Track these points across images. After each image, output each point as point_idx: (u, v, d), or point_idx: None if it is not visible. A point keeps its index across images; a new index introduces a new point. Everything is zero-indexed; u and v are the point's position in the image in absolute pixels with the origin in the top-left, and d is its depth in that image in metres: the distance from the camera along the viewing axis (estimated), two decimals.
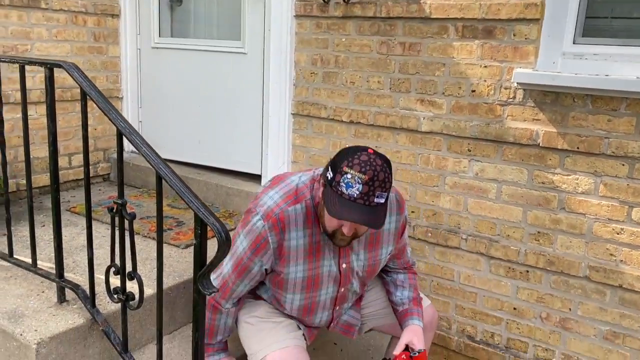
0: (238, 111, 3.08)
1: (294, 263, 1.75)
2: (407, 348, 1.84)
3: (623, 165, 2.03)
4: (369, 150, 1.59)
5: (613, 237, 2.09)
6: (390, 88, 2.48)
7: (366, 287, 2.05)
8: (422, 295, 2.08)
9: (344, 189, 1.54)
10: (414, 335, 1.85)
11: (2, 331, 1.80)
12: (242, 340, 1.91)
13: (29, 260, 2.07)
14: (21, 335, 1.75)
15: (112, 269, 1.76)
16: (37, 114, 3.07)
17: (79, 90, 3.38)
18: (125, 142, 3.76)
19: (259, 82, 2.93)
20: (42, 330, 1.78)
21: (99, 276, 1.87)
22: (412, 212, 2.52)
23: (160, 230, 1.62)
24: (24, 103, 1.94)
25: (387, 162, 1.58)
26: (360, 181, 1.53)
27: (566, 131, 2.10)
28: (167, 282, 2.17)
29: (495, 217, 2.32)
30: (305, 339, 1.92)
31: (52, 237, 1.90)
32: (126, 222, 1.68)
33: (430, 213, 2.48)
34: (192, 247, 2.54)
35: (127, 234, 1.70)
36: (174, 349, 2.09)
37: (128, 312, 1.79)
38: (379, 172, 1.55)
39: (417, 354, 1.80)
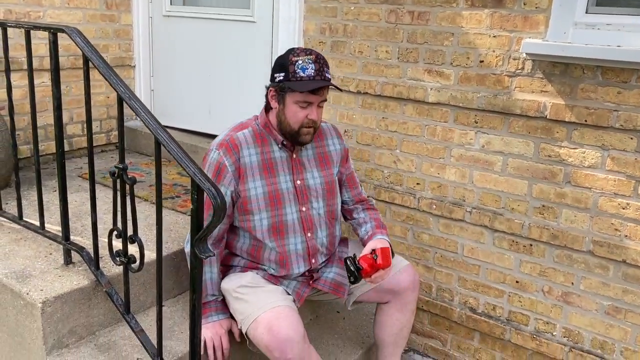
0: (247, 80, 3.08)
1: (252, 179, 1.92)
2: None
3: (632, 138, 1.98)
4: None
5: (618, 212, 2.06)
6: (398, 58, 2.45)
7: (334, 221, 2.11)
8: (400, 257, 2.18)
9: (301, 73, 1.81)
10: (379, 243, 1.97)
11: (10, 290, 1.87)
12: (233, 312, 1.95)
13: (38, 223, 2.12)
14: (27, 294, 1.81)
15: (115, 233, 1.80)
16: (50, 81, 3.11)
17: None
18: None
19: (267, 51, 2.92)
20: (47, 290, 1.83)
21: (105, 240, 1.91)
22: (418, 184, 2.51)
23: (159, 195, 1.64)
24: (30, 68, 1.98)
25: None
26: (310, 61, 1.82)
27: (574, 103, 2.06)
28: (172, 247, 2.22)
29: (500, 190, 2.30)
30: (295, 303, 1.96)
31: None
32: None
33: (436, 185, 2.46)
34: None
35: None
36: (177, 312, 2.14)
37: (131, 275, 1.84)
38: (318, 53, 1.86)
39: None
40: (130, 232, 1.75)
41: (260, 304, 1.85)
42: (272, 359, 1.80)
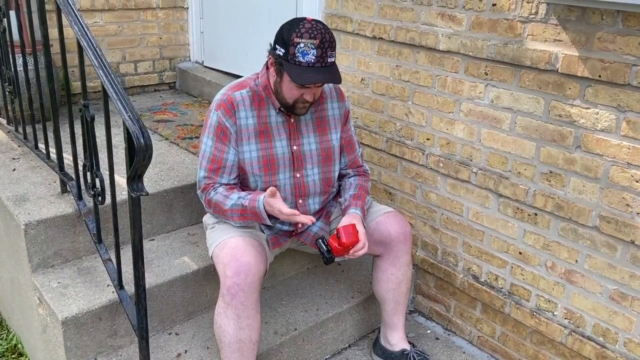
0: (276, 24, 3.01)
1: (247, 142, 1.89)
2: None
3: None
4: (307, 18, 1.75)
5: (631, 185, 1.76)
6: (412, 0, 2.24)
7: (330, 188, 2.06)
8: (389, 208, 2.12)
9: (300, 58, 1.71)
10: (352, 219, 1.89)
11: (8, 212, 2.06)
12: (207, 242, 1.98)
13: (53, 153, 2.28)
14: (17, 216, 1.99)
15: (87, 167, 1.89)
16: (103, 21, 3.29)
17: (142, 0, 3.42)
18: (192, 52, 3.87)
19: None
20: (34, 214, 2.00)
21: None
22: (427, 139, 2.34)
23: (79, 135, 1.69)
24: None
25: (325, 25, 1.76)
26: (313, 46, 1.70)
27: (589, 55, 1.76)
28: (165, 185, 2.30)
29: (508, 151, 2.07)
30: (268, 245, 1.96)
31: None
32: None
33: (444, 142, 2.28)
34: None
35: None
36: (162, 247, 2.23)
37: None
38: (325, 34, 1.72)
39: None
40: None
41: (233, 232, 1.88)
42: (222, 279, 1.77)
